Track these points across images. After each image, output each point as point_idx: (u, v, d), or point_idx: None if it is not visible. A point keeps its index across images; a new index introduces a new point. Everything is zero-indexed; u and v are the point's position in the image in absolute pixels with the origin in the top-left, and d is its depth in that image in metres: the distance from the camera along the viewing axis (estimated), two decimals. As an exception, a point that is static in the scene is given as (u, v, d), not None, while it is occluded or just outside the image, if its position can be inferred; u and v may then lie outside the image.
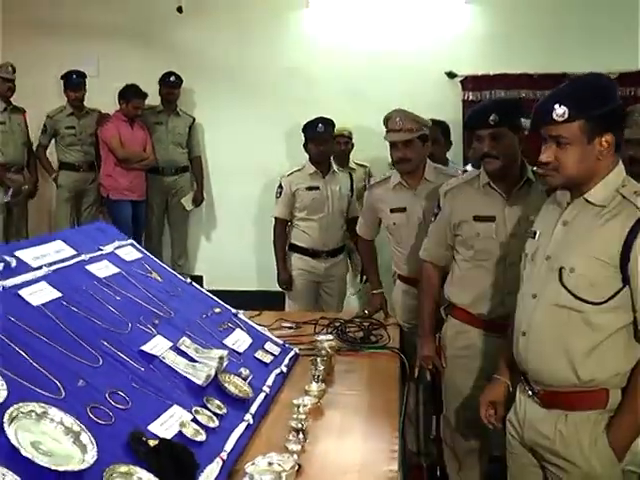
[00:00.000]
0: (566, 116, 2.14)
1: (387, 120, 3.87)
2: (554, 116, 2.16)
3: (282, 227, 5.01)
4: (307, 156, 4.98)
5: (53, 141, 6.80)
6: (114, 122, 6.63)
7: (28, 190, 6.63)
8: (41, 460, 1.51)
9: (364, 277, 5.42)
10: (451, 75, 6.61)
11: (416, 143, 3.80)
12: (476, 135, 3.09)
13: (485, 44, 6.61)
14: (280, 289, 5.12)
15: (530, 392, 2.38)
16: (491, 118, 2.98)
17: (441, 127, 4.76)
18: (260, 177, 6.80)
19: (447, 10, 6.69)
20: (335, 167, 5.07)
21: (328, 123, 4.91)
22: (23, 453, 1.50)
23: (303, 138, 4.96)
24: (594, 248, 2.18)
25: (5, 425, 1.54)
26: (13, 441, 1.52)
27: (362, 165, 6.07)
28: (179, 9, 6.52)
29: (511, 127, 3.01)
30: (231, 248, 7.15)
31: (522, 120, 3.08)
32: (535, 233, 2.42)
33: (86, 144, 6.78)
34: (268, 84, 6.83)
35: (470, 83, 6.57)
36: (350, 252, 5.43)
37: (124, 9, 6.94)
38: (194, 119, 6.98)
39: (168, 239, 7.12)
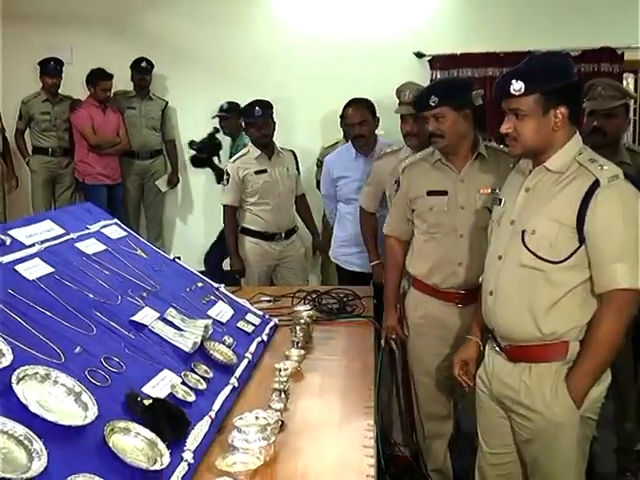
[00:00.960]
0: (522, 90, 2.33)
1: (399, 92, 3.85)
2: (511, 91, 2.35)
3: (232, 214, 4.93)
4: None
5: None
6: (86, 108, 6.70)
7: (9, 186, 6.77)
8: (49, 416, 1.65)
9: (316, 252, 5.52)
10: (419, 55, 6.74)
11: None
12: (425, 117, 3.23)
13: (452, 24, 6.73)
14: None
15: (497, 348, 2.56)
16: (431, 100, 3.13)
17: (367, 105, 4.60)
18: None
19: (414, -8, 6.81)
20: (279, 148, 4.98)
21: (265, 105, 4.79)
22: (32, 409, 1.63)
23: (243, 123, 4.85)
24: (553, 211, 2.36)
25: (14, 385, 1.68)
26: (22, 399, 1.66)
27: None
28: (152, -5, 6.59)
29: (454, 106, 3.14)
30: (205, 229, 7.26)
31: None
32: (501, 200, 2.61)
33: (61, 130, 6.85)
34: (239, 68, 6.88)
35: (438, 62, 6.69)
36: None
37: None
38: (167, 103, 7.07)
39: (144, 221, 7.22)
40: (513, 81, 2.35)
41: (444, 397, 3.41)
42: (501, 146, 3.26)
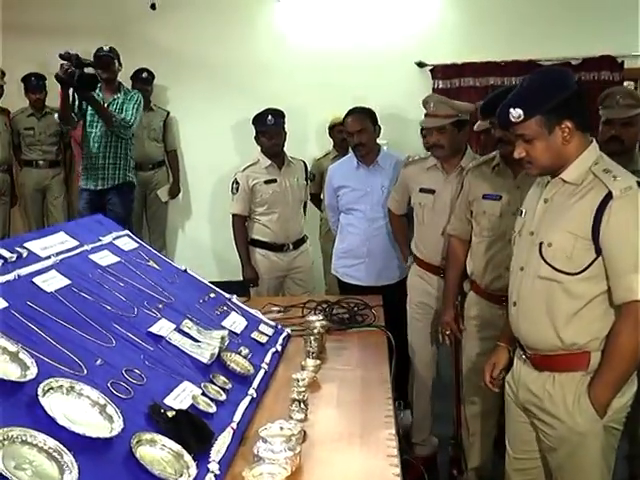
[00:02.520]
0: (522, 117, 2.36)
1: (424, 104, 3.86)
2: (512, 119, 2.38)
3: (241, 223, 4.87)
4: (259, 149, 4.87)
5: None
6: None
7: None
8: (77, 428, 1.64)
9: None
10: (421, 65, 6.79)
11: (450, 129, 3.78)
12: (491, 122, 3.30)
13: (453, 34, 6.79)
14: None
15: (524, 356, 2.59)
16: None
17: (367, 114, 4.47)
18: (234, 170, 6.86)
19: (416, 2, 6.86)
20: (289, 157, 4.94)
21: (278, 114, 4.74)
22: (59, 422, 1.63)
23: (254, 130, 4.82)
24: (569, 223, 2.37)
25: (40, 398, 1.67)
26: (49, 412, 1.65)
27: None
28: (152, 6, 6.54)
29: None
30: (208, 240, 7.26)
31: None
32: (522, 212, 2.63)
33: (46, 144, 6.89)
34: (241, 78, 6.93)
35: (439, 72, 6.76)
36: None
37: (98, 6, 7.03)
38: (168, 113, 7.10)
39: (146, 232, 7.20)
40: (511, 110, 2.37)
41: (490, 397, 3.42)
42: None
